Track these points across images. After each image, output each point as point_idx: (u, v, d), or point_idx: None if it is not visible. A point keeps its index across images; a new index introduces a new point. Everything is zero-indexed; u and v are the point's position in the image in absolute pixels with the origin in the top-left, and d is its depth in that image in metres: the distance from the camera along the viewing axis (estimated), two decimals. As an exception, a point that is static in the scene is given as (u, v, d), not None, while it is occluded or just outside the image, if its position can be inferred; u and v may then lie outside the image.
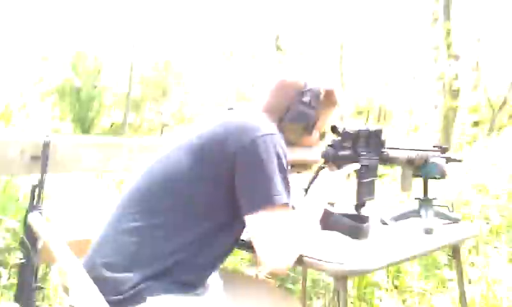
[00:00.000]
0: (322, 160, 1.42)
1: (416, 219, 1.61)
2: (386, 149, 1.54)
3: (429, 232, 1.52)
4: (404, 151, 1.61)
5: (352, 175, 1.46)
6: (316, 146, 1.40)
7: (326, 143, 1.46)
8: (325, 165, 1.43)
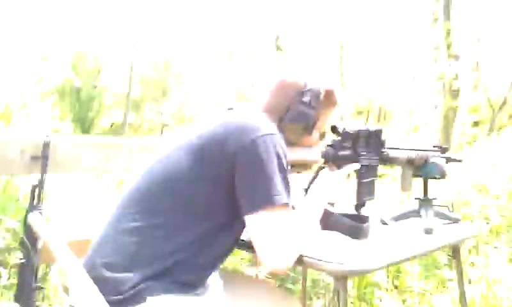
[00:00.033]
0: (322, 160, 1.42)
1: (416, 219, 1.62)
2: (386, 149, 1.54)
3: (429, 232, 1.51)
4: (404, 151, 1.61)
5: (352, 175, 1.47)
6: (316, 146, 1.40)
7: (326, 143, 1.46)
8: (325, 165, 1.43)
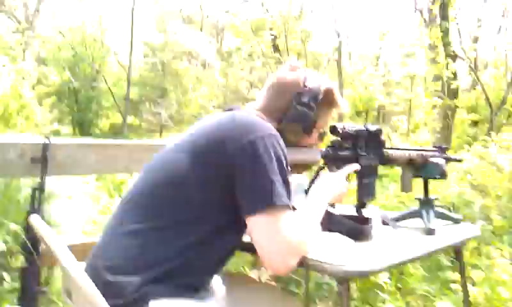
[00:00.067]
0: (322, 161, 1.42)
1: (417, 219, 1.61)
2: (386, 149, 1.54)
3: (430, 233, 1.51)
4: (404, 151, 1.61)
5: (353, 176, 1.47)
6: (316, 147, 1.40)
7: (326, 143, 1.46)
8: (325, 166, 1.43)
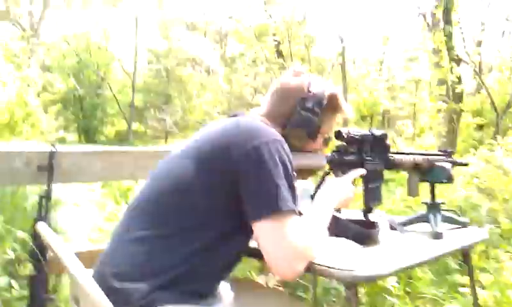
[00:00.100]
0: (328, 166, 1.41)
1: (425, 224, 1.61)
2: (391, 154, 1.54)
3: (437, 237, 1.51)
4: (409, 155, 1.61)
5: (359, 181, 1.46)
6: (321, 152, 1.40)
7: (331, 148, 1.46)
8: (331, 171, 1.42)
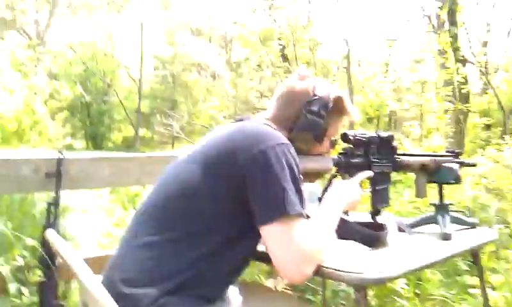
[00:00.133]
0: (335, 169, 1.41)
1: (433, 225, 1.60)
2: (398, 155, 1.53)
3: (446, 238, 1.50)
4: (417, 157, 1.60)
5: (366, 183, 1.46)
6: (328, 155, 1.40)
7: (338, 151, 1.46)
8: (337, 174, 1.42)
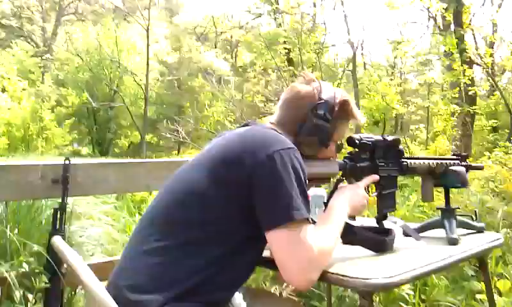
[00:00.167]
0: (341, 173, 1.40)
1: (440, 229, 1.58)
2: (404, 159, 1.52)
3: (453, 243, 1.48)
4: (423, 160, 1.59)
5: (372, 187, 1.45)
6: (333, 159, 1.39)
7: (344, 154, 1.45)
8: (343, 178, 1.41)
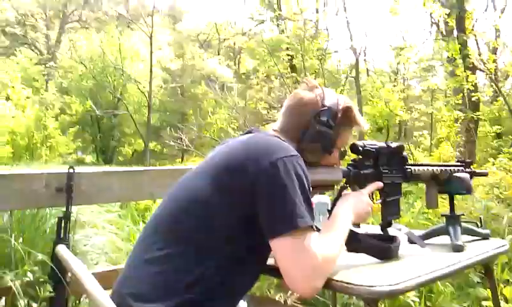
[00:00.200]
0: (344, 180, 1.40)
1: (445, 236, 1.57)
2: (408, 166, 1.52)
3: (458, 250, 1.47)
4: (427, 167, 1.59)
5: (377, 194, 1.44)
6: (337, 166, 1.39)
7: (348, 161, 1.45)
8: (347, 185, 1.41)
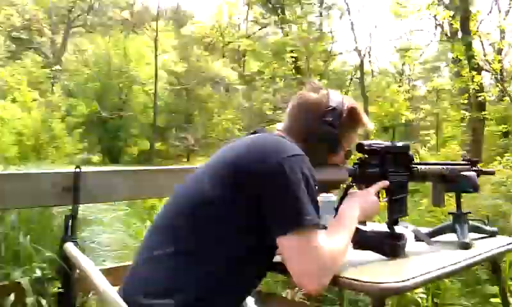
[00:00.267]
0: (350, 179, 1.40)
1: (452, 234, 1.57)
2: (414, 165, 1.52)
3: (465, 247, 1.47)
4: (434, 166, 1.58)
5: (383, 193, 1.45)
6: (343, 165, 1.39)
7: (354, 161, 1.45)
8: (353, 184, 1.41)
